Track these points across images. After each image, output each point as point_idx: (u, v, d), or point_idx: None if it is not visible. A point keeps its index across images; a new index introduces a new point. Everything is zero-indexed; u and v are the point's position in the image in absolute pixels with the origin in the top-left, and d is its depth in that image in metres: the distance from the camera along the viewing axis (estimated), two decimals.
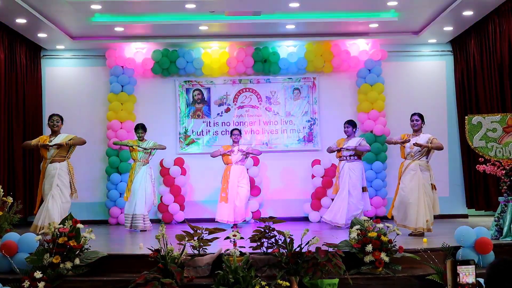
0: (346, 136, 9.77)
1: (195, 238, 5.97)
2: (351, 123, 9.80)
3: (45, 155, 8.08)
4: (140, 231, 9.44)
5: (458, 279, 3.74)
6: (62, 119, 8.36)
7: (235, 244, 5.86)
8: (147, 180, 9.68)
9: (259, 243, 6.01)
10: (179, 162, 11.16)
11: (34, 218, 7.89)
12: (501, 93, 9.31)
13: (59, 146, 8.05)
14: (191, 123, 11.46)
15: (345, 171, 9.51)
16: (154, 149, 9.82)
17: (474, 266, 3.62)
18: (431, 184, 8.09)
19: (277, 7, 9.41)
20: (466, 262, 3.70)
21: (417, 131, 8.32)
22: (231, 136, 10.26)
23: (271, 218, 6.20)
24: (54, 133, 8.23)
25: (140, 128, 9.88)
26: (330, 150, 9.79)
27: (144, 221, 9.57)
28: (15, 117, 10.15)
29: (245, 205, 10.09)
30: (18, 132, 10.21)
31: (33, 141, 8.20)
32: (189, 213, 11.12)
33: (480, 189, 10.54)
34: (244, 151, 10.04)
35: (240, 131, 10.33)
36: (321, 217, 10.25)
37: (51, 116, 8.33)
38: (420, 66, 11.62)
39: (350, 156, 9.55)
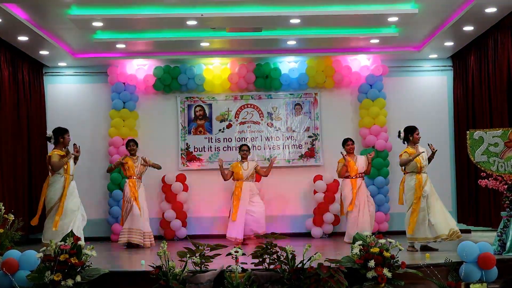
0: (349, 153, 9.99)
1: (197, 254, 5.95)
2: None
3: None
4: (138, 246, 9.62)
5: None
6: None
7: (237, 261, 5.84)
8: (144, 196, 10.00)
9: (261, 259, 6.00)
10: (181, 178, 11.14)
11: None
12: (500, 108, 9.27)
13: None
14: (192, 139, 11.46)
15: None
16: (152, 166, 10.05)
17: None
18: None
19: (278, 23, 9.43)
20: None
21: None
22: (240, 152, 10.27)
23: (273, 234, 6.19)
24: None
25: (132, 141, 10.10)
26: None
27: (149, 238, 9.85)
28: (19, 133, 10.13)
29: (263, 219, 10.09)
30: (22, 148, 10.17)
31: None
32: (191, 230, 11.12)
33: (472, 204, 10.49)
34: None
35: (248, 147, 10.37)
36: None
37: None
38: (421, 81, 11.63)
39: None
